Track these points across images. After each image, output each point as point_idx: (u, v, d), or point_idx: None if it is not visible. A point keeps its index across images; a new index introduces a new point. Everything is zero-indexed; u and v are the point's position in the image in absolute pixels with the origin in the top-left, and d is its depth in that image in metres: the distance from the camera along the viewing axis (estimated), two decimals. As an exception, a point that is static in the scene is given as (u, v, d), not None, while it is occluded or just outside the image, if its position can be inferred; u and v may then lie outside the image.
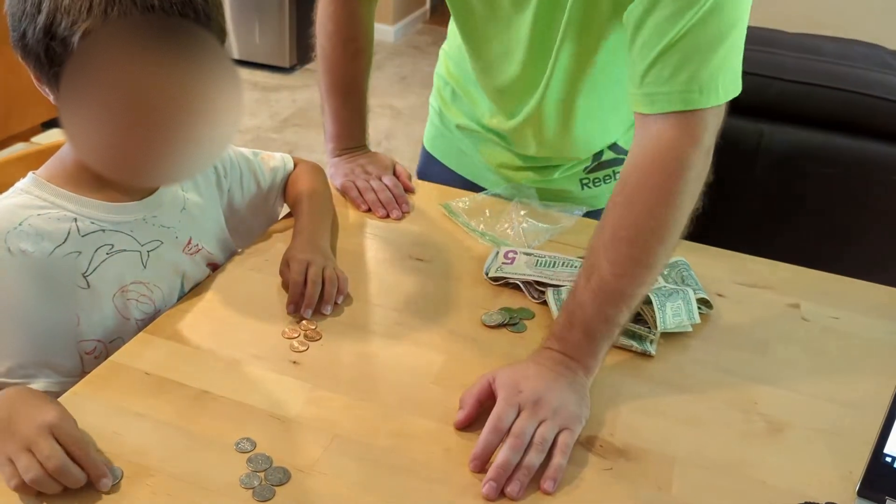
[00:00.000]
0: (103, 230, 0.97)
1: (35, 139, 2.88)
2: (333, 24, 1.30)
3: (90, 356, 0.97)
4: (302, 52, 4.30)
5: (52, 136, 2.91)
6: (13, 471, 0.75)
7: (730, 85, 0.93)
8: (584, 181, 1.31)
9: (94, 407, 0.87)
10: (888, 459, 0.80)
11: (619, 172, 1.19)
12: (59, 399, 0.88)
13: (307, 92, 4.06)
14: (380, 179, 1.32)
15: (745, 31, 0.94)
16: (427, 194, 1.36)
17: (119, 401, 0.88)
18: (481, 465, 0.83)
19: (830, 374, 1.02)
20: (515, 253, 1.16)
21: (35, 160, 1.07)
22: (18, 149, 2.72)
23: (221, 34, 0.90)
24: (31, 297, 0.92)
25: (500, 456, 0.82)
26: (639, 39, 0.95)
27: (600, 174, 1.29)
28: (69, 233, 0.94)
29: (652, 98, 0.94)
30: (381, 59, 4.62)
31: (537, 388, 0.87)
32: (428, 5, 5.32)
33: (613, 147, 1.26)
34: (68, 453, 0.76)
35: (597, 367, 0.92)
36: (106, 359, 0.95)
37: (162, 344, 0.97)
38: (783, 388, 0.98)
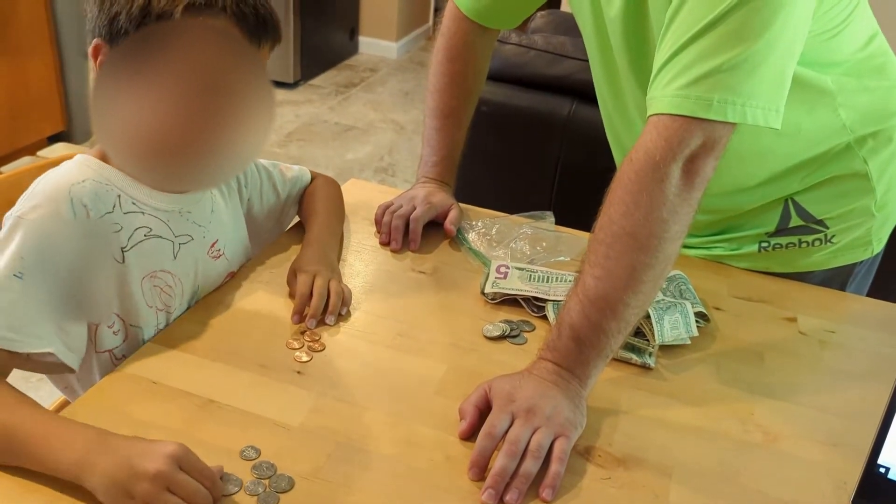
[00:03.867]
0: (143, 212, 0.99)
1: (41, 153, 2.91)
2: (448, 62, 1.33)
3: (110, 330, 0.99)
4: (306, 68, 4.33)
5: (58, 149, 2.93)
6: None
7: (732, 104, 0.87)
8: (764, 244, 1.22)
9: (103, 415, 0.88)
10: (882, 470, 0.82)
11: (804, 241, 1.18)
12: (69, 408, 0.90)
13: (311, 107, 4.09)
14: (413, 208, 1.28)
15: (782, 54, 0.87)
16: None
17: (127, 409, 0.89)
18: (480, 473, 0.84)
19: (826, 386, 1.03)
20: (507, 267, 1.17)
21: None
22: (25, 162, 2.75)
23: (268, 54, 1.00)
24: (75, 257, 0.93)
25: (497, 463, 0.83)
26: (661, 44, 0.92)
27: (783, 240, 1.21)
28: (114, 206, 0.97)
29: (650, 102, 0.92)
30: (385, 74, 4.66)
31: (530, 397, 0.88)
32: (431, 22, 5.36)
33: (800, 212, 1.17)
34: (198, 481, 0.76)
35: (590, 378, 0.92)
36: (125, 339, 0.99)
37: (169, 353, 0.99)
38: (779, 400, 1.00)
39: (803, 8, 0.89)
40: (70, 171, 0.96)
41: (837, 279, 1.23)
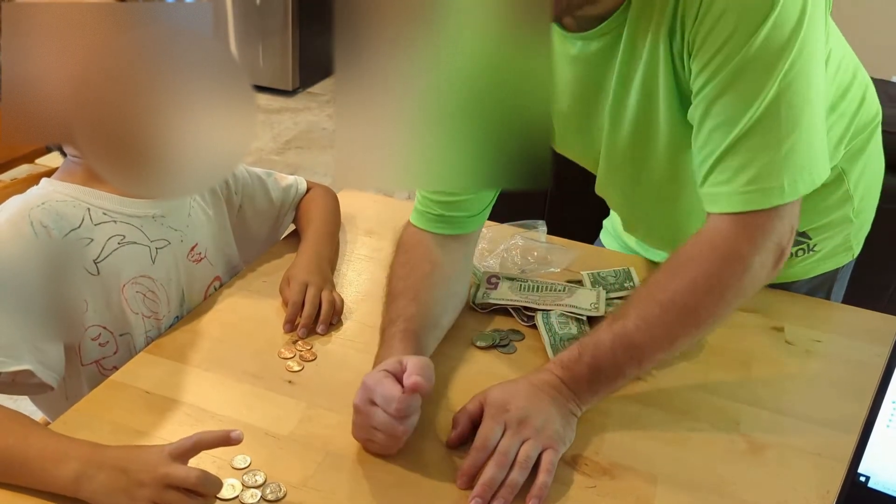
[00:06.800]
0: (115, 221, 1.01)
1: (40, 161, 2.91)
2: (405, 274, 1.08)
3: (95, 342, 1.00)
4: (304, 76, 4.35)
5: (57, 157, 2.93)
6: None
7: (801, 180, 0.89)
8: None
9: (96, 424, 0.89)
10: (862, 479, 0.83)
11: (798, 253, 1.19)
12: (62, 417, 0.91)
13: (309, 114, 4.11)
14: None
15: (819, 115, 0.90)
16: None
17: (120, 419, 0.91)
18: (468, 482, 0.85)
19: (812, 396, 1.04)
20: (498, 278, 1.19)
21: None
22: (24, 170, 2.74)
23: None
24: (42, 277, 0.94)
25: (485, 473, 0.84)
26: (699, 140, 0.93)
27: None
28: (83, 220, 0.98)
29: (714, 198, 0.92)
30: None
31: (525, 407, 0.89)
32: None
33: None
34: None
35: (589, 404, 0.94)
36: (115, 351, 0.99)
37: (162, 363, 1.00)
38: (765, 410, 1.01)
39: (821, 71, 0.90)
40: (29, 196, 0.98)
41: (824, 286, 1.24)
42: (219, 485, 0.79)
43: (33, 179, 1.19)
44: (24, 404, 1.13)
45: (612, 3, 0.93)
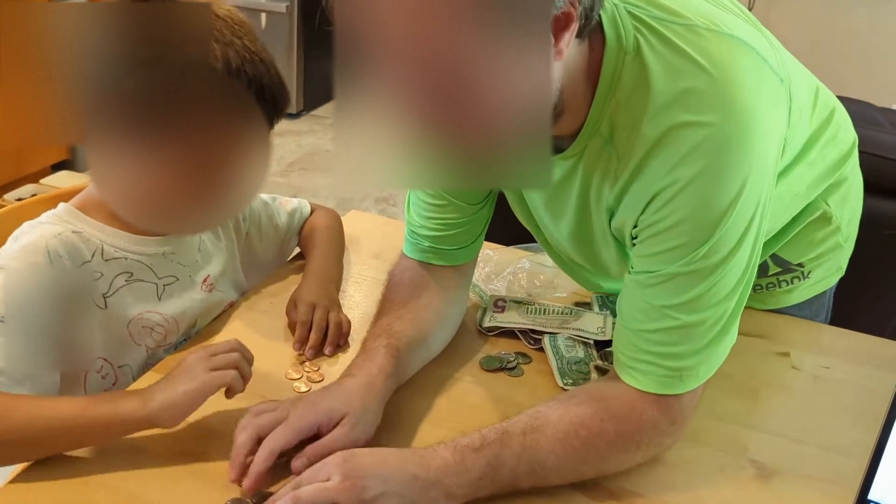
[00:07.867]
0: (125, 258, 1.02)
1: (45, 181, 2.92)
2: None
3: (98, 374, 1.01)
4: (308, 98, 4.37)
5: (62, 177, 2.94)
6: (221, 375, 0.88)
7: (715, 366, 0.92)
8: None
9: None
10: (873, 505, 0.83)
11: (783, 280, 1.20)
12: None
13: (313, 137, 4.13)
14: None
15: (741, 304, 0.91)
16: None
17: (125, 437, 0.90)
18: (237, 473, 0.84)
19: (819, 422, 1.04)
20: (505, 301, 1.19)
21: (51, 204, 1.11)
22: (28, 190, 2.75)
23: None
24: (54, 305, 0.95)
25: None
26: (627, 301, 0.92)
27: (763, 282, 1.21)
28: (94, 254, 0.99)
29: (631, 373, 0.91)
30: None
31: (371, 464, 0.82)
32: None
33: (777, 261, 1.17)
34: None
35: (459, 501, 0.86)
36: (114, 382, 1.00)
37: (169, 383, 1.00)
38: (773, 435, 1.01)
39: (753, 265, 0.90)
40: (45, 224, 0.98)
41: (822, 308, 1.26)
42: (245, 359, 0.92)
43: (39, 203, 1.19)
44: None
45: (568, 129, 0.89)
